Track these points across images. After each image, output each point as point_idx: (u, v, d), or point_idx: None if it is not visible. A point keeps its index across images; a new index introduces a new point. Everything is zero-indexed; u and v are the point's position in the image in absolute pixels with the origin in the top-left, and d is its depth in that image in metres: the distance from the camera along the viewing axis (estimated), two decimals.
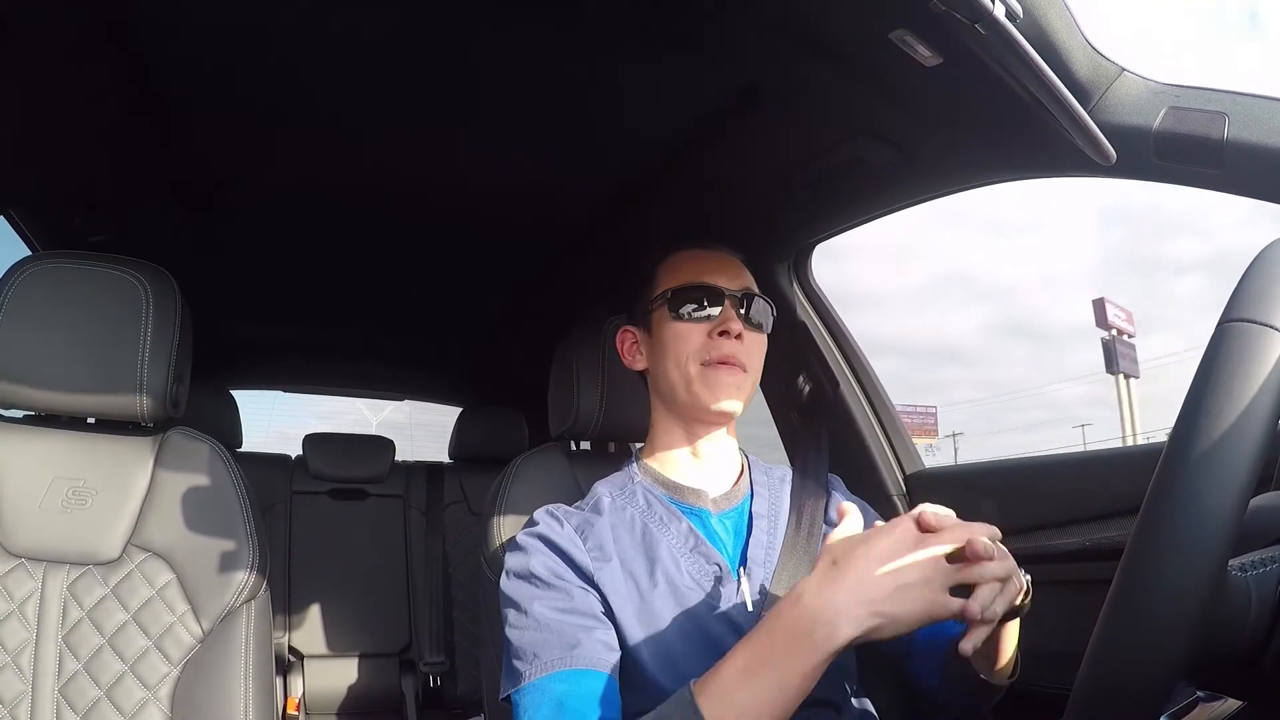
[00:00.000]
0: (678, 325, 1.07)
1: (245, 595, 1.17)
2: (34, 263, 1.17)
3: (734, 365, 1.05)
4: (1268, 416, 0.45)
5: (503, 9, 1.08)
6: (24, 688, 1.08)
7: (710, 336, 1.05)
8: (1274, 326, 0.46)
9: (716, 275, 1.09)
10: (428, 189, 1.63)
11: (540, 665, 0.89)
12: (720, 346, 1.04)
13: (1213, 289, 31.24)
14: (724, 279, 1.09)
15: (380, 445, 2.75)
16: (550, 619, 0.92)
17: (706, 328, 1.06)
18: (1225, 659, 0.50)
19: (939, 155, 1.20)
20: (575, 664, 0.88)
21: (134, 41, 1.14)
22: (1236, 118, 0.85)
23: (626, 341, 1.17)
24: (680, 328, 1.07)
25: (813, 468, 1.17)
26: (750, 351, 1.07)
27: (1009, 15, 0.77)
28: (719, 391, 1.04)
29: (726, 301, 1.07)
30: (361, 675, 2.44)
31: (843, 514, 0.84)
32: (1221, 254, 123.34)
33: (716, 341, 1.05)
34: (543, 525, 1.01)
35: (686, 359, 1.06)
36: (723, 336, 1.05)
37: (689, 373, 1.06)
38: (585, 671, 0.88)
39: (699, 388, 1.05)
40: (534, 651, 0.90)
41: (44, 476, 1.16)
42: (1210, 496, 0.44)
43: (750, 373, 1.07)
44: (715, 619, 0.97)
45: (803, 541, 1.05)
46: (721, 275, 1.09)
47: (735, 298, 1.07)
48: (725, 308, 1.06)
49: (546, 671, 0.88)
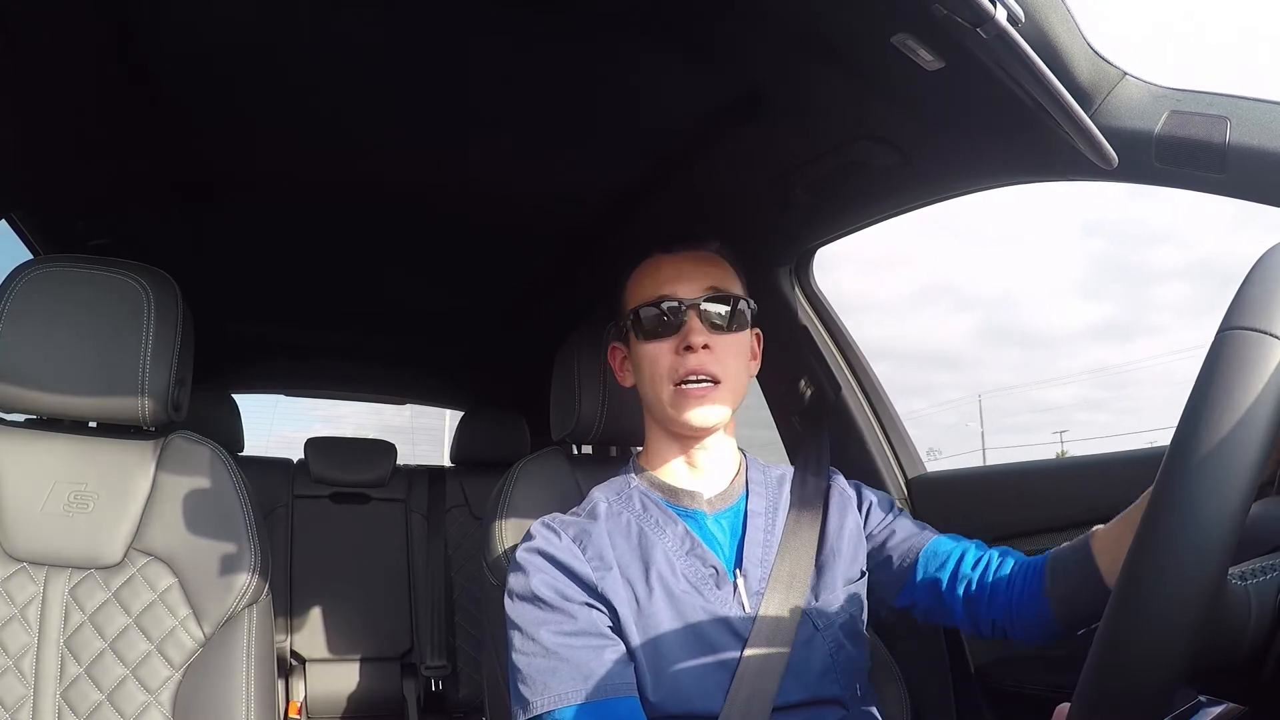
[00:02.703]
0: (646, 346, 1.06)
1: (247, 599, 1.17)
2: (36, 266, 1.17)
3: (704, 379, 1.02)
4: (1268, 424, 0.44)
5: (503, 11, 1.08)
6: (26, 692, 1.08)
7: (677, 353, 1.03)
8: (1274, 334, 0.46)
9: (676, 284, 1.06)
10: (429, 192, 1.63)
11: (552, 696, 0.88)
12: (686, 362, 1.02)
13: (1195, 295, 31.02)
14: (684, 286, 1.05)
15: (382, 449, 2.75)
16: (558, 645, 0.91)
17: (673, 344, 1.04)
18: (1226, 666, 0.50)
19: (941, 159, 1.20)
20: (590, 696, 0.88)
21: (135, 45, 1.14)
22: (1238, 122, 0.84)
23: (617, 358, 1.16)
24: (648, 349, 1.06)
25: (814, 468, 1.16)
26: (722, 359, 1.04)
27: (1011, 19, 0.77)
28: (692, 412, 1.03)
29: (689, 311, 1.04)
30: (363, 679, 2.44)
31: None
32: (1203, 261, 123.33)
33: (683, 358, 1.02)
34: (540, 539, 1.00)
35: (658, 381, 1.05)
36: (688, 351, 1.02)
37: (662, 395, 1.05)
38: (600, 703, 0.88)
39: (673, 409, 1.04)
40: (543, 680, 0.89)
41: (46, 480, 1.16)
42: (1210, 504, 0.44)
43: (725, 380, 1.04)
44: (711, 622, 0.96)
45: (800, 542, 1.04)
46: (681, 282, 1.06)
47: (697, 304, 1.04)
48: (689, 319, 1.03)
49: (560, 704, 0.88)
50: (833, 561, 1.05)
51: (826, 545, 1.06)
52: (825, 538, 1.07)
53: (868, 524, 1.12)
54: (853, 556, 1.07)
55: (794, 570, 1.01)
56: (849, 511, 1.11)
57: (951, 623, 1.06)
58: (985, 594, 1.01)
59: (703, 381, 1.03)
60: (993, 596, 1.01)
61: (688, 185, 1.49)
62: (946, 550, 1.06)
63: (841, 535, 1.07)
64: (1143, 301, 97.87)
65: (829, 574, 1.04)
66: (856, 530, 1.09)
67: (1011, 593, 0.99)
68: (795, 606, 0.99)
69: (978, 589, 1.02)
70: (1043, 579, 0.96)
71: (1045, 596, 0.95)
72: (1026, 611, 0.97)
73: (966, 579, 1.03)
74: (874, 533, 1.11)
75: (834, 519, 1.09)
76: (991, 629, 1.02)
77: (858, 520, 1.11)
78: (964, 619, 1.03)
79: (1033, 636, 0.98)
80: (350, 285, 2.22)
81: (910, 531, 1.10)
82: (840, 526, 1.08)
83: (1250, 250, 0.54)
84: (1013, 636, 1.00)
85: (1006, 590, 1.00)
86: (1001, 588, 1.00)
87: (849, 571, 1.06)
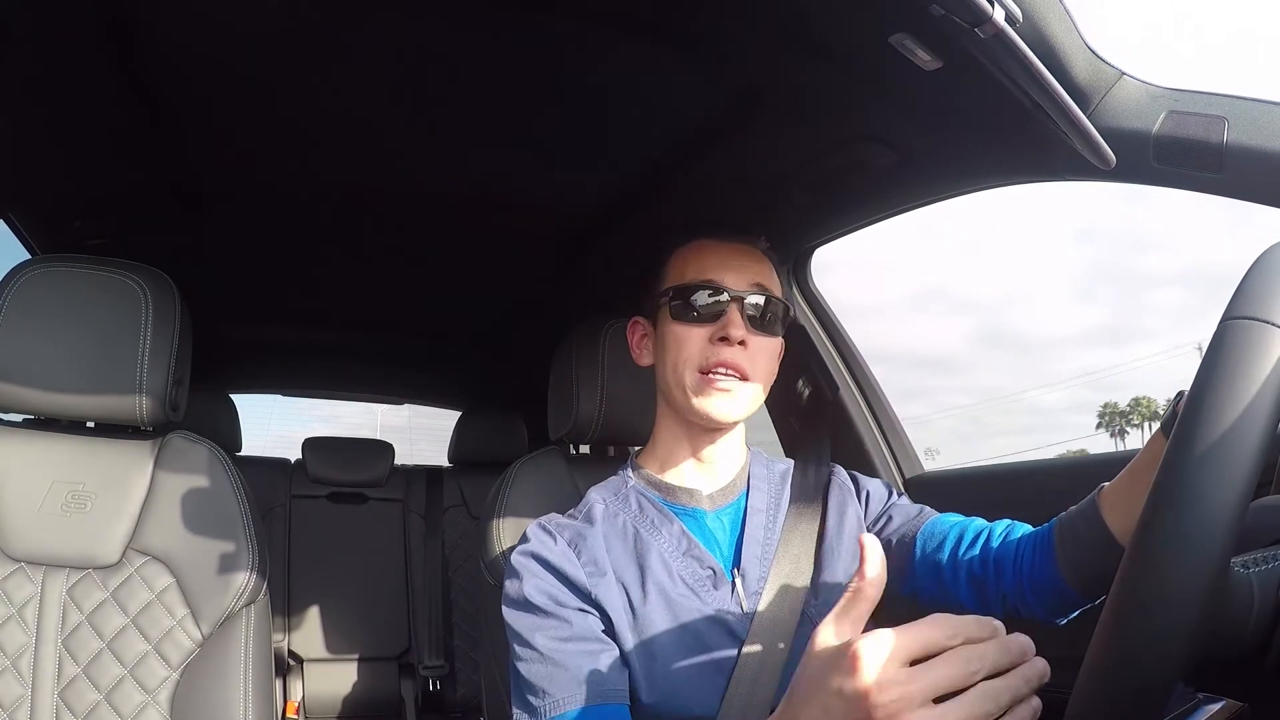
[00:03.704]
0: (678, 327, 1.02)
1: (245, 599, 1.17)
2: (34, 266, 1.17)
3: (731, 373, 0.99)
4: (1270, 413, 0.45)
5: (501, 12, 1.08)
6: (23, 691, 1.07)
7: (711, 342, 0.99)
8: (1276, 324, 0.46)
9: (724, 272, 1.02)
10: (426, 191, 1.63)
11: (551, 702, 0.88)
12: (719, 353, 0.98)
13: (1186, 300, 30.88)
14: (732, 276, 1.01)
15: (379, 449, 2.75)
16: (554, 650, 0.91)
17: (708, 331, 1.00)
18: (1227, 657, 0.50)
19: (939, 159, 1.20)
20: (585, 700, 0.88)
21: (133, 46, 1.14)
22: (1236, 122, 0.85)
23: (636, 334, 1.12)
24: (680, 330, 1.01)
25: (814, 461, 1.14)
26: (755, 358, 1.00)
27: (1009, 19, 0.77)
28: (714, 402, 0.99)
29: (731, 304, 1.00)
30: (361, 679, 2.44)
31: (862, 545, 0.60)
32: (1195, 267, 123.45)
33: (716, 348, 0.99)
34: (535, 542, 0.99)
35: (683, 365, 1.00)
36: (723, 343, 0.99)
37: (685, 380, 1.00)
38: (593, 708, 0.88)
39: (695, 396, 0.99)
40: (543, 687, 0.89)
41: (43, 480, 1.16)
42: (1213, 493, 0.44)
43: (754, 379, 1.01)
44: (708, 624, 0.95)
45: (800, 538, 1.03)
46: (730, 271, 1.02)
47: (741, 299, 1.00)
48: (730, 311, 0.99)
49: (558, 710, 0.88)
50: (833, 557, 1.02)
51: (826, 541, 1.04)
52: (825, 533, 1.04)
53: (868, 514, 1.09)
54: (853, 552, 1.03)
55: (793, 568, 1.00)
56: (849, 504, 1.08)
57: (959, 606, 0.98)
58: (991, 569, 0.96)
59: (730, 375, 0.99)
60: (999, 570, 0.95)
61: (686, 183, 1.49)
62: (944, 529, 1.02)
63: (841, 530, 1.05)
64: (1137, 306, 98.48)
65: (829, 570, 1.01)
66: (857, 522, 1.07)
67: (1020, 564, 0.94)
68: (794, 605, 0.97)
69: (981, 566, 0.97)
70: (1053, 546, 0.92)
71: (1057, 564, 0.91)
72: (1040, 581, 0.92)
73: (969, 558, 0.98)
74: (873, 521, 1.08)
75: (833, 513, 1.06)
76: (1003, 605, 0.96)
77: (858, 511, 1.08)
78: (971, 600, 0.98)
79: (1050, 608, 0.93)
80: (348, 285, 2.22)
81: (907, 515, 1.07)
82: (840, 520, 1.06)
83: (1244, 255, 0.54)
84: (1027, 612, 0.95)
85: (1015, 562, 0.95)
86: (1009, 560, 0.95)
87: (850, 566, 1.02)
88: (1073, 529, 0.91)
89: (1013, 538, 0.98)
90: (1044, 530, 0.95)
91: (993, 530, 1.00)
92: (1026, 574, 0.94)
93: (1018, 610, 0.96)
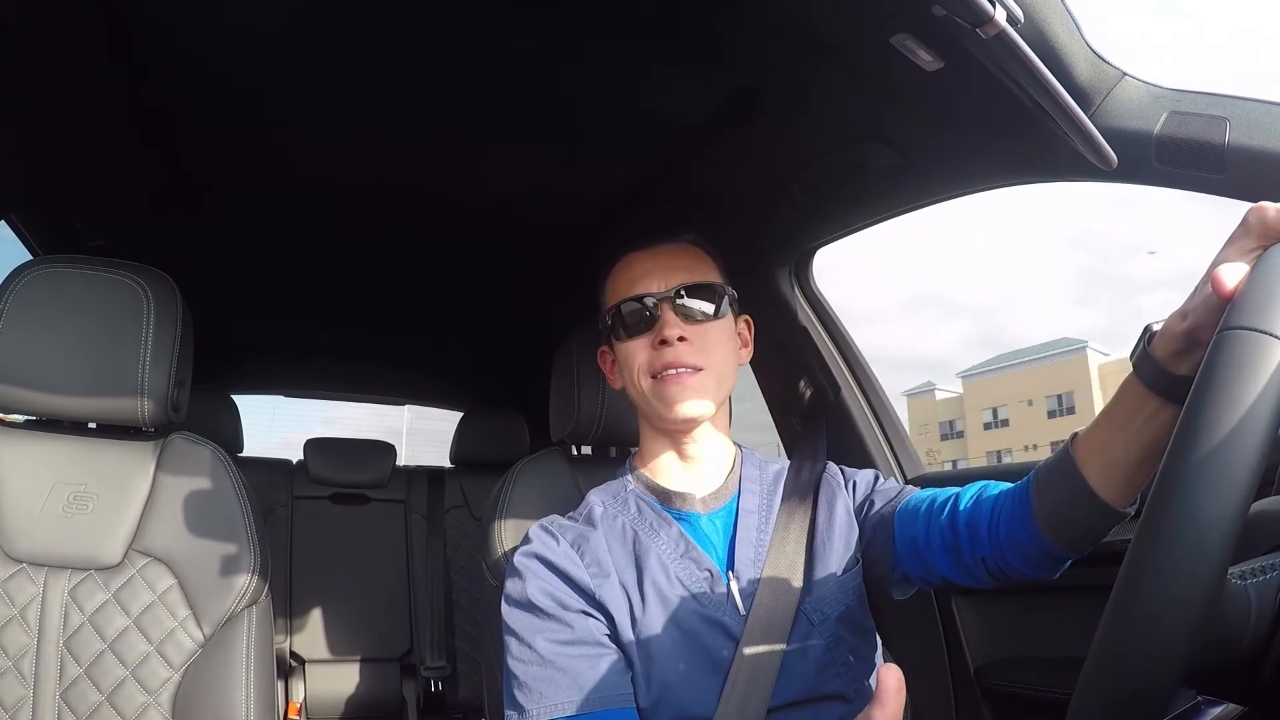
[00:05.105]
0: (622, 346, 1.08)
1: (246, 600, 1.17)
2: (36, 267, 1.17)
3: (683, 369, 1.03)
4: (1268, 423, 0.44)
5: (502, 11, 1.08)
6: (25, 693, 1.07)
7: (653, 347, 1.04)
8: (1274, 334, 0.46)
9: (648, 280, 1.07)
10: (428, 192, 1.63)
11: (548, 705, 0.88)
12: (663, 356, 1.03)
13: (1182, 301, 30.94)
14: (657, 279, 1.06)
15: (381, 450, 2.75)
16: (554, 654, 0.91)
17: (649, 340, 1.05)
18: (1226, 666, 0.50)
19: (940, 159, 1.20)
20: (584, 707, 0.88)
21: (134, 47, 1.14)
22: (1238, 122, 0.85)
23: (607, 361, 1.17)
24: (625, 347, 1.07)
25: (808, 466, 1.14)
26: (702, 348, 1.04)
27: (1010, 20, 0.77)
28: (673, 402, 1.03)
29: (661, 305, 1.05)
30: (363, 680, 2.44)
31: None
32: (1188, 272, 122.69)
33: (659, 351, 1.03)
34: (538, 543, 1.00)
35: (638, 376, 1.06)
36: (663, 345, 1.03)
37: (644, 389, 1.06)
38: (596, 714, 0.88)
39: (656, 401, 1.05)
40: (539, 689, 0.89)
41: (45, 481, 1.16)
42: (1210, 503, 0.44)
43: (708, 368, 1.04)
44: (706, 626, 0.96)
45: (792, 537, 1.03)
46: (653, 277, 1.07)
47: (670, 298, 1.05)
48: (662, 313, 1.04)
49: (555, 714, 0.88)
50: (824, 553, 1.03)
51: (817, 537, 1.04)
52: (815, 530, 1.05)
53: (855, 502, 1.09)
54: (846, 544, 1.04)
55: (786, 567, 1.00)
56: (838, 497, 1.08)
57: (942, 579, 0.98)
58: (964, 534, 0.93)
59: (682, 371, 1.03)
60: (974, 535, 0.92)
61: (687, 185, 1.49)
62: (917, 503, 1.01)
63: (831, 525, 1.05)
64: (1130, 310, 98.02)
65: (822, 566, 1.02)
66: (847, 515, 1.07)
67: (997, 524, 0.90)
68: (789, 603, 0.98)
69: (952, 533, 0.94)
70: (1030, 503, 0.87)
71: (1035, 521, 0.86)
72: (1019, 540, 0.88)
73: (938, 526, 0.96)
74: (859, 507, 1.08)
75: (823, 509, 1.07)
76: (985, 571, 0.93)
77: (847, 504, 1.08)
78: (952, 570, 0.96)
79: (1033, 566, 0.89)
80: (349, 286, 2.21)
81: (887, 497, 1.07)
82: (830, 516, 1.06)
83: None
84: (1013, 573, 0.91)
85: (990, 524, 0.91)
86: (983, 522, 0.92)
87: (843, 560, 1.03)
88: (1048, 481, 0.86)
89: (985, 500, 0.93)
90: (1019, 487, 0.90)
91: (961, 495, 0.97)
92: (1004, 536, 0.90)
93: (1003, 573, 0.92)
